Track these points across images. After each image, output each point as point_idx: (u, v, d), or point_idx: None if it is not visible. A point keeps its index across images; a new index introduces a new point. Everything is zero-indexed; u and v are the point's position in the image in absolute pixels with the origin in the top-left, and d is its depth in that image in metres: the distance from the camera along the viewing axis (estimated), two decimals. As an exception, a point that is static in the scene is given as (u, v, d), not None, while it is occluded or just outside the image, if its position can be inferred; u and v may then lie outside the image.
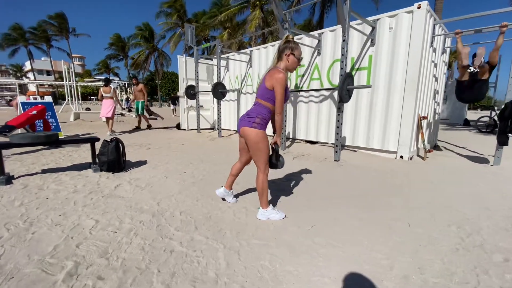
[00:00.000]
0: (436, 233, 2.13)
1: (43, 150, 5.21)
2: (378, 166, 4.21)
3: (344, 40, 4.11)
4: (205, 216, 2.38)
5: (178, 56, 8.39)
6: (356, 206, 2.64)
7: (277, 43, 6.48)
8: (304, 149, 5.45)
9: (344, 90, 4.00)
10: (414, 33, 4.33)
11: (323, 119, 5.63)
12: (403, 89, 4.50)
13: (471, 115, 15.64)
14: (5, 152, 4.83)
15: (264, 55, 6.88)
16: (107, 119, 7.49)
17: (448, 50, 5.85)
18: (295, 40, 2.21)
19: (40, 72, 53.71)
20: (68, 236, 2.00)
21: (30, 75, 46.27)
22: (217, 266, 1.67)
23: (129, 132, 8.32)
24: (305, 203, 2.71)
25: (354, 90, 4.90)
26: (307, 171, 3.89)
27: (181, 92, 8.29)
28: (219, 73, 6.86)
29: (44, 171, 3.68)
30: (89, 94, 46.47)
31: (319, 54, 5.60)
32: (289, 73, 2.30)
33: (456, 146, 6.30)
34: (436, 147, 6.16)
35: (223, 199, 2.69)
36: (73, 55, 44.90)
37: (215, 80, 7.67)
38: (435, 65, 5.30)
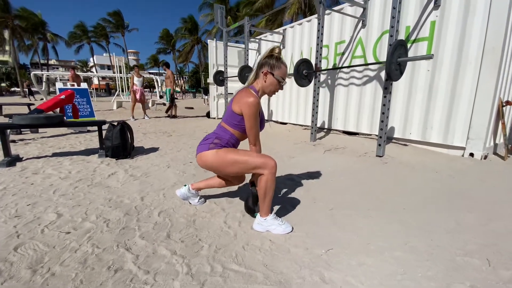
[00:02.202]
0: (543, 283, 1.25)
1: (72, 134, 5.29)
2: (438, 166, 3.20)
3: (395, -2, 3.13)
4: (188, 219, 1.84)
5: (208, 40, 8.00)
6: (402, 223, 1.83)
7: (313, 18, 5.60)
8: (340, 141, 4.58)
9: (394, 63, 3.05)
10: (499, -14, 3.13)
11: (367, 105, 4.65)
12: (478, 64, 3.34)
13: None
14: (34, 135, 5.01)
15: (299, 33, 6.04)
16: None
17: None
18: (281, 56, 1.68)
19: (102, 66, 59.81)
20: (17, 233, 1.63)
21: (94, 69, 51.63)
22: (165, 305, 1.10)
23: (159, 118, 8.29)
24: (326, 212, 1.99)
25: (408, 66, 3.85)
26: (338, 168, 3.10)
27: (210, 78, 7.92)
28: (247, 55, 6.25)
29: (54, 154, 3.56)
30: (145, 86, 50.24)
31: (363, 26, 4.59)
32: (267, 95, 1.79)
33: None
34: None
35: (189, 203, 2.07)
36: (128, 50, 48.73)
37: (245, 65, 7.09)
38: (528, 33, 3.90)
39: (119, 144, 3.37)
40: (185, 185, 2.02)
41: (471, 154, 3.49)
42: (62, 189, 2.36)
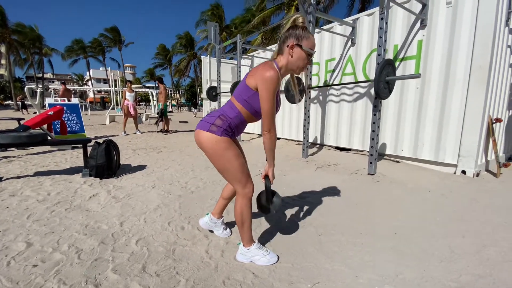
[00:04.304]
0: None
1: (60, 150, 5.16)
2: (430, 184, 3.15)
3: (382, 19, 3.19)
4: (167, 249, 1.72)
5: (202, 56, 8.07)
6: (394, 250, 1.74)
7: (304, 36, 5.67)
8: (332, 158, 4.53)
9: (382, 82, 3.06)
10: (482, 7, 3.22)
11: (358, 121, 4.65)
12: (466, 82, 3.37)
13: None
14: (20, 152, 4.87)
15: (290, 50, 6.11)
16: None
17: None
18: (306, 25, 1.43)
19: (98, 80, 60.03)
20: (-22, 266, 1.50)
21: (89, 83, 51.74)
22: None
23: (151, 133, 8.19)
24: (314, 239, 1.89)
25: (397, 84, 3.89)
26: (329, 188, 3.02)
27: (203, 93, 7.93)
28: (240, 71, 6.29)
29: (36, 174, 3.43)
30: (139, 100, 50.34)
31: (353, 44, 4.66)
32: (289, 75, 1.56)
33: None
34: (511, 160, 4.72)
35: (211, 231, 1.96)
36: (124, 64, 49.16)
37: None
38: (513, 52, 3.99)
39: (104, 163, 3.26)
40: (207, 214, 1.91)
41: (463, 172, 3.46)
42: (37, 213, 2.23)
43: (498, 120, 3.60)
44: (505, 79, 3.86)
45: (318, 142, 5.46)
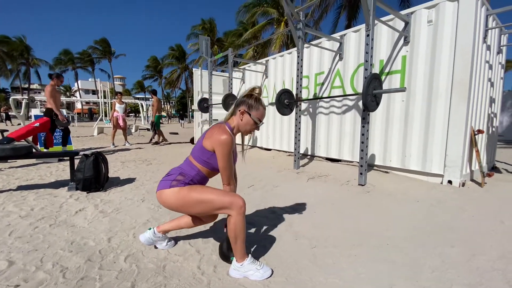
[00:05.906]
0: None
1: (44, 163, 4.99)
2: (419, 194, 3.21)
3: (368, 35, 3.32)
4: (157, 265, 1.67)
5: (194, 69, 8.13)
6: (387, 261, 1.75)
7: (293, 50, 5.84)
8: (323, 169, 4.57)
9: (370, 95, 3.15)
10: (461, 25, 3.41)
11: (347, 132, 4.74)
12: (448, 95, 3.52)
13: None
14: (2, 165, 4.69)
15: (281, 64, 6.26)
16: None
17: (504, 49, 4.74)
18: (260, 98, 1.63)
19: (87, 91, 59.17)
20: (-46, 288, 1.41)
21: (77, 94, 50.96)
22: None
23: (141, 145, 8.07)
24: (308, 251, 1.88)
25: (384, 97, 4.01)
26: (321, 199, 3.04)
27: (195, 105, 7.94)
28: (231, 84, 6.36)
29: (19, 188, 3.30)
30: (129, 111, 49.74)
31: (341, 58, 4.82)
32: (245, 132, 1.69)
33: (524, 169, 4.95)
34: (494, 169, 4.89)
35: (155, 247, 1.87)
36: (114, 76, 48.82)
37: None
38: (490, 67, 4.22)
39: (91, 176, 3.17)
40: (149, 229, 1.83)
41: (450, 181, 3.55)
42: (20, 230, 2.13)
43: (480, 131, 3.75)
44: (485, 93, 4.06)
45: (309, 153, 5.52)
